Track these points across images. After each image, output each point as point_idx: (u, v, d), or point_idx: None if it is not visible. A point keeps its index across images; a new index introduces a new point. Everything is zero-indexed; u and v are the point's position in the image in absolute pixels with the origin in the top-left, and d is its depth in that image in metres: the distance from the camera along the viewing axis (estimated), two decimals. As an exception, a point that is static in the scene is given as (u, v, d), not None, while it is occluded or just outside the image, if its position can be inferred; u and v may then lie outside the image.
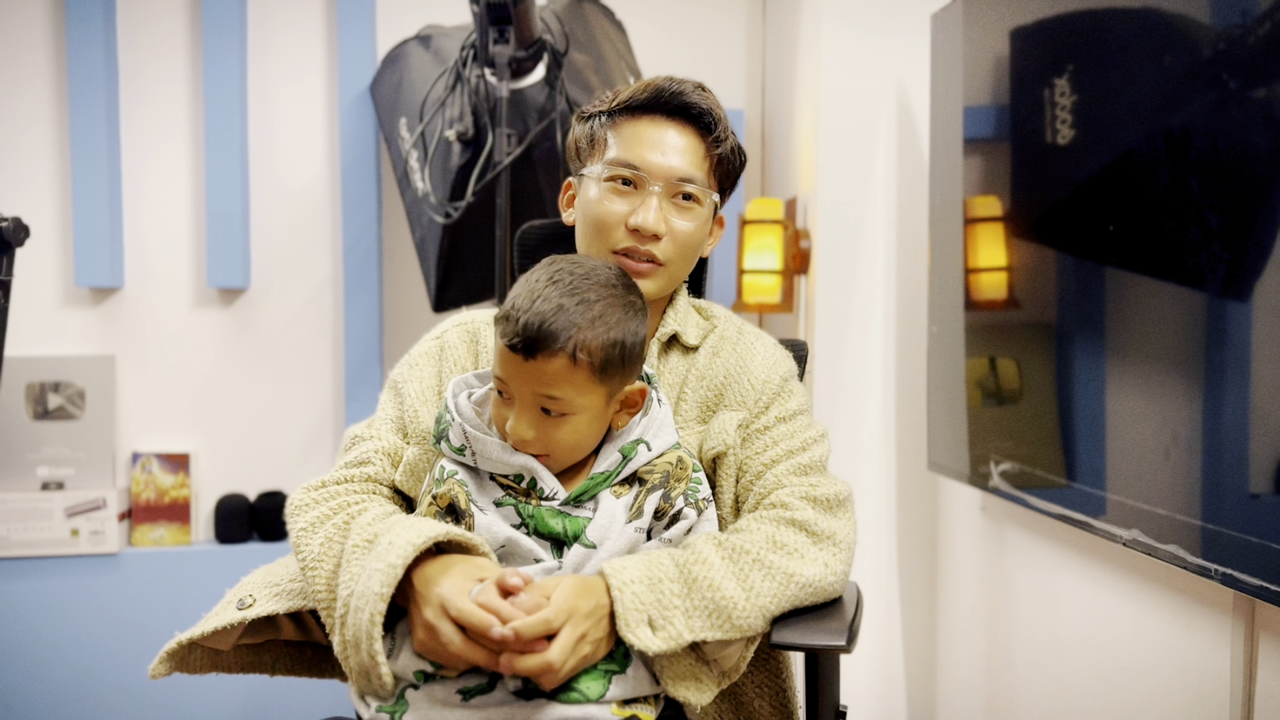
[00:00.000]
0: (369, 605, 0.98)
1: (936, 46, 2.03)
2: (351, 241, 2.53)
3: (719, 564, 1.04)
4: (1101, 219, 1.47)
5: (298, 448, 2.57)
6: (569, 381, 1.03)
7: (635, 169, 1.19)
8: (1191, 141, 1.28)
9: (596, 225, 1.20)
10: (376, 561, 1.00)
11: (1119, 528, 1.43)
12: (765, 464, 1.17)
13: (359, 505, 1.13)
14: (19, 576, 2.34)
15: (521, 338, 1.01)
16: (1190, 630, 1.40)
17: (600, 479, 1.09)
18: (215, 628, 1.10)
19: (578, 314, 1.03)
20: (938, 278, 2.02)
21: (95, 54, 2.40)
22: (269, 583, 1.14)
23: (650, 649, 0.98)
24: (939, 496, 2.24)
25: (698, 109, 1.20)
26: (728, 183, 1.26)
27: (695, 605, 1.01)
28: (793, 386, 1.25)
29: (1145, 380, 1.40)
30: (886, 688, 2.28)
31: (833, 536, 1.11)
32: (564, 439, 1.07)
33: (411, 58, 2.28)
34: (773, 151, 2.69)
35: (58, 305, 2.48)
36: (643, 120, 1.21)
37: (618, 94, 1.23)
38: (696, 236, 1.22)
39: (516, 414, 1.05)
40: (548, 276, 1.05)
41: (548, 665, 0.95)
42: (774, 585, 1.05)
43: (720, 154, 1.22)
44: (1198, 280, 1.28)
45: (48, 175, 2.46)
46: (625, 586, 1.00)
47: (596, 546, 1.06)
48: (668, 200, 1.19)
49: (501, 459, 1.07)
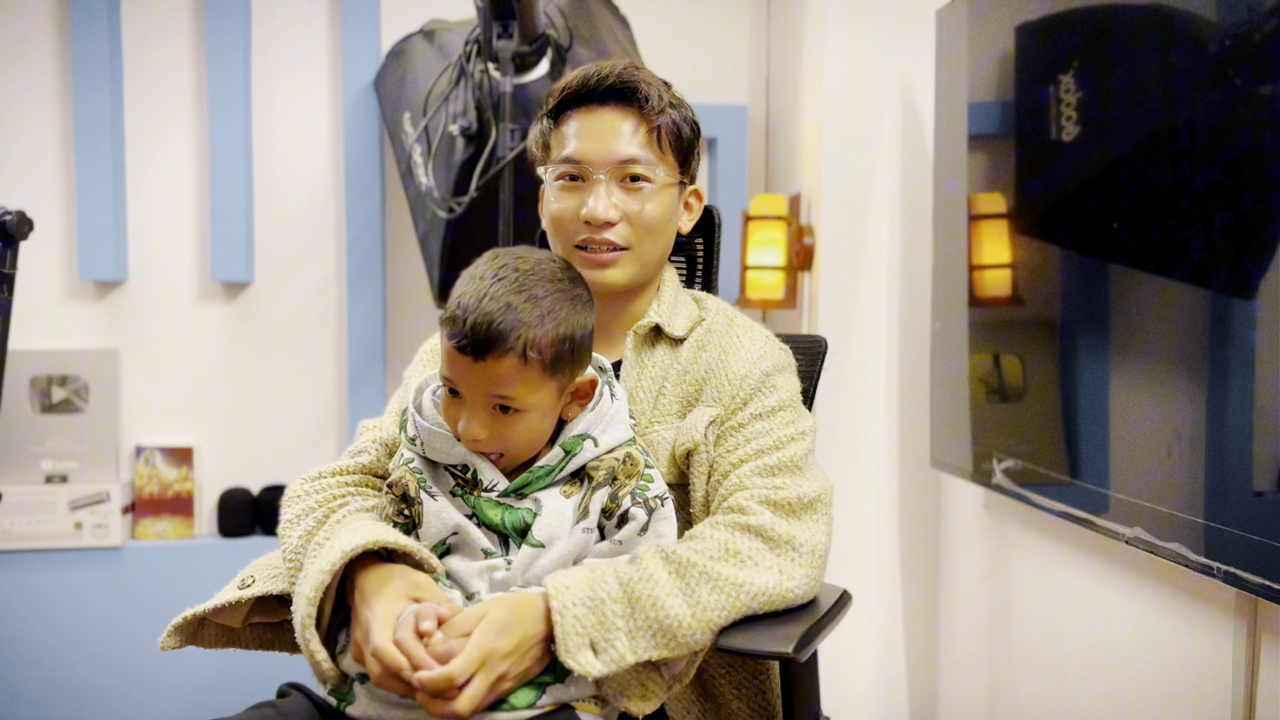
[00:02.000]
0: (301, 609, 1.02)
1: (941, 42, 2.02)
2: (355, 236, 2.53)
3: (664, 580, 1.01)
4: (1106, 216, 1.47)
5: (301, 442, 2.58)
6: (520, 380, 1.02)
7: (577, 162, 1.18)
8: (1196, 138, 1.28)
9: (555, 225, 1.21)
10: (318, 563, 1.02)
11: (1122, 526, 1.43)
12: (733, 464, 1.14)
13: (340, 500, 1.15)
14: (22, 569, 2.35)
15: (470, 339, 0.99)
16: (1192, 628, 1.40)
17: (541, 472, 1.07)
18: (216, 604, 1.14)
19: (525, 312, 1.01)
20: (942, 274, 2.01)
21: (99, 48, 2.40)
22: (270, 564, 1.18)
23: (591, 673, 0.97)
24: (942, 493, 2.24)
25: (629, 87, 1.18)
26: (682, 154, 1.22)
27: (639, 626, 0.99)
28: (776, 381, 1.19)
29: (1149, 378, 1.40)
30: (888, 684, 2.28)
31: (790, 541, 1.07)
32: (518, 436, 1.06)
33: (415, 52, 2.28)
34: (777, 147, 2.68)
35: (62, 299, 2.48)
36: (579, 113, 1.20)
37: (553, 92, 1.23)
38: (657, 215, 1.20)
39: (469, 414, 1.04)
40: (492, 273, 1.03)
41: (455, 714, 0.94)
42: (721, 598, 1.02)
43: (661, 124, 1.19)
44: (1201, 277, 1.27)
45: (52, 169, 2.47)
46: (566, 610, 0.98)
47: (545, 546, 1.05)
48: (616, 185, 1.18)
49: (444, 449, 1.07)
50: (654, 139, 1.19)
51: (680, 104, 1.22)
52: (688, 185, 1.27)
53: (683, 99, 1.24)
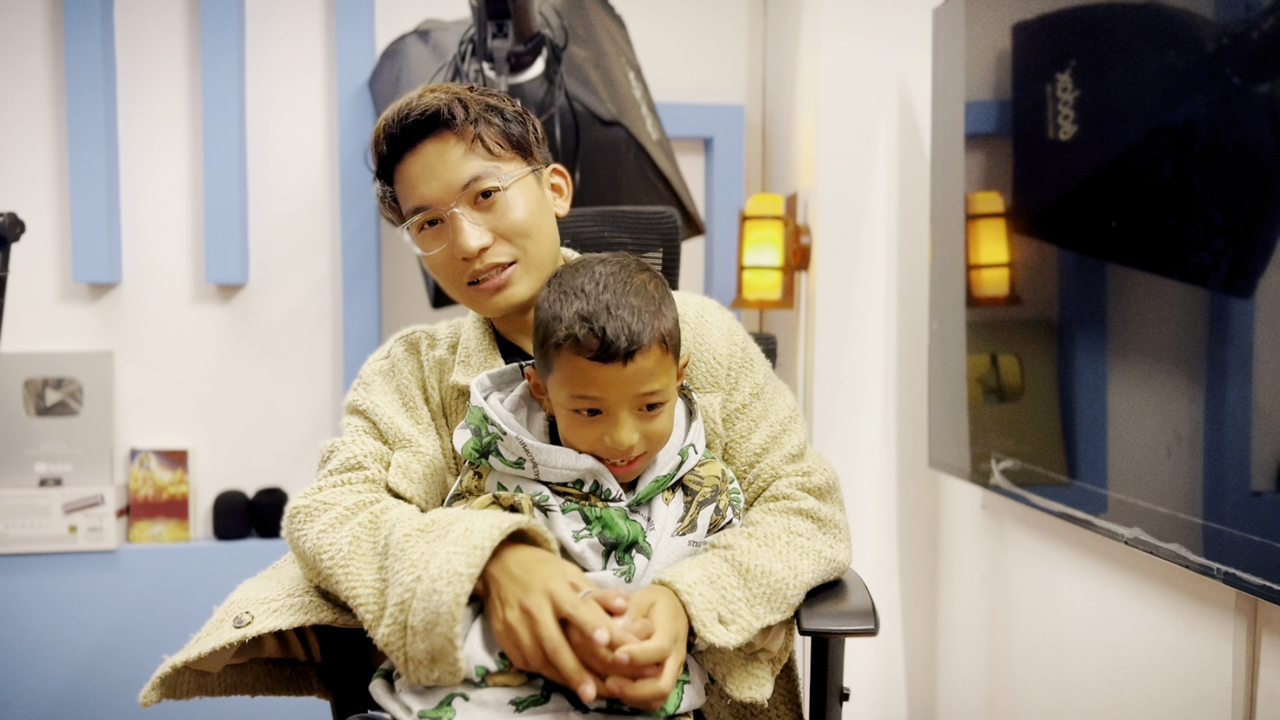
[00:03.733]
0: (451, 585, 0.93)
1: (938, 41, 2.01)
2: (350, 237, 2.52)
3: (759, 550, 1.07)
4: (1103, 215, 1.46)
5: (296, 444, 2.57)
6: (662, 370, 1.03)
7: (426, 207, 1.14)
8: (1194, 137, 1.27)
9: (441, 275, 1.18)
10: (453, 545, 0.96)
11: (1121, 526, 1.42)
12: (755, 452, 1.19)
13: (380, 504, 1.09)
14: (17, 573, 2.34)
15: (618, 344, 0.99)
16: (1192, 629, 1.39)
17: (664, 480, 1.08)
18: (213, 648, 1.03)
19: (645, 306, 1.02)
20: (939, 274, 2.01)
21: (93, 49, 2.39)
22: (263, 598, 1.08)
23: (729, 644, 0.99)
24: (939, 494, 2.23)
25: (430, 116, 1.13)
26: (518, 145, 1.18)
27: (754, 594, 1.03)
28: (751, 352, 1.25)
29: (1147, 377, 1.39)
30: (887, 684, 2.27)
31: (833, 521, 1.17)
32: (661, 429, 1.06)
33: (410, 52, 2.27)
34: (773, 147, 2.68)
35: (56, 301, 2.47)
36: (403, 162, 1.15)
37: (371, 154, 1.20)
38: (525, 215, 1.16)
39: (615, 425, 1.03)
40: (592, 283, 1.03)
41: (660, 693, 0.93)
42: (809, 562, 1.09)
43: (481, 133, 1.14)
44: (1200, 277, 1.27)
45: (46, 171, 2.45)
46: (694, 589, 1.00)
47: (653, 552, 1.06)
48: (472, 210, 1.14)
49: (567, 465, 1.05)
50: (483, 148, 1.15)
51: (492, 96, 1.18)
52: (543, 169, 1.23)
53: (495, 90, 1.20)
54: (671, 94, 2.67)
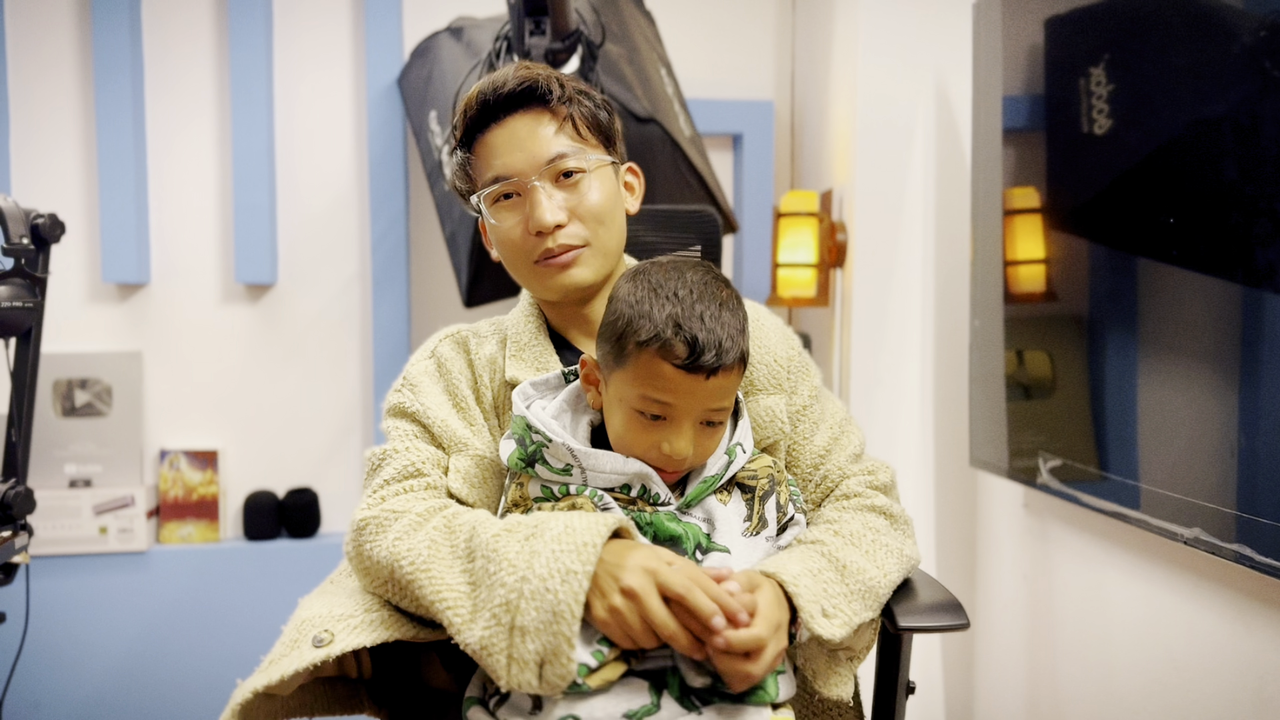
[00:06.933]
0: (567, 583, 0.91)
1: (978, 35, 1.99)
2: (379, 236, 2.50)
3: (848, 548, 1.07)
4: (1139, 210, 1.44)
5: (326, 444, 2.56)
6: (733, 389, 1.04)
7: (507, 177, 1.15)
8: (1230, 130, 1.25)
9: (506, 249, 1.18)
10: (556, 544, 0.94)
11: (1180, 526, 1.40)
12: (819, 454, 1.20)
13: (450, 509, 1.06)
14: (48, 574, 2.33)
15: (706, 357, 0.98)
16: (1250, 630, 1.37)
17: (712, 481, 1.06)
18: (296, 669, 0.97)
19: (733, 324, 1.01)
20: (980, 270, 1.99)
21: (121, 49, 2.37)
22: (339, 615, 1.03)
23: (834, 637, 0.98)
24: (979, 492, 2.21)
25: (528, 89, 1.15)
26: (604, 135, 1.20)
27: (852, 589, 1.03)
28: (805, 356, 1.26)
29: (1210, 375, 1.37)
30: (924, 683, 2.26)
31: (904, 517, 1.18)
32: (715, 444, 1.06)
33: (442, 50, 2.25)
34: (804, 143, 2.66)
35: (85, 301, 2.46)
36: (490, 131, 1.17)
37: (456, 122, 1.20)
38: (603, 201, 1.17)
39: (677, 434, 1.01)
40: (685, 288, 1.01)
41: (749, 678, 0.93)
42: (892, 560, 1.10)
43: (574, 112, 1.16)
44: (1249, 271, 1.25)
45: (74, 171, 2.44)
46: (799, 581, 0.99)
47: (729, 550, 1.04)
48: (553, 186, 1.15)
49: (615, 469, 1.03)
50: (572, 129, 1.16)
51: (582, 83, 1.20)
52: (620, 165, 1.24)
53: (586, 84, 1.20)
54: (700, 90, 2.65)
